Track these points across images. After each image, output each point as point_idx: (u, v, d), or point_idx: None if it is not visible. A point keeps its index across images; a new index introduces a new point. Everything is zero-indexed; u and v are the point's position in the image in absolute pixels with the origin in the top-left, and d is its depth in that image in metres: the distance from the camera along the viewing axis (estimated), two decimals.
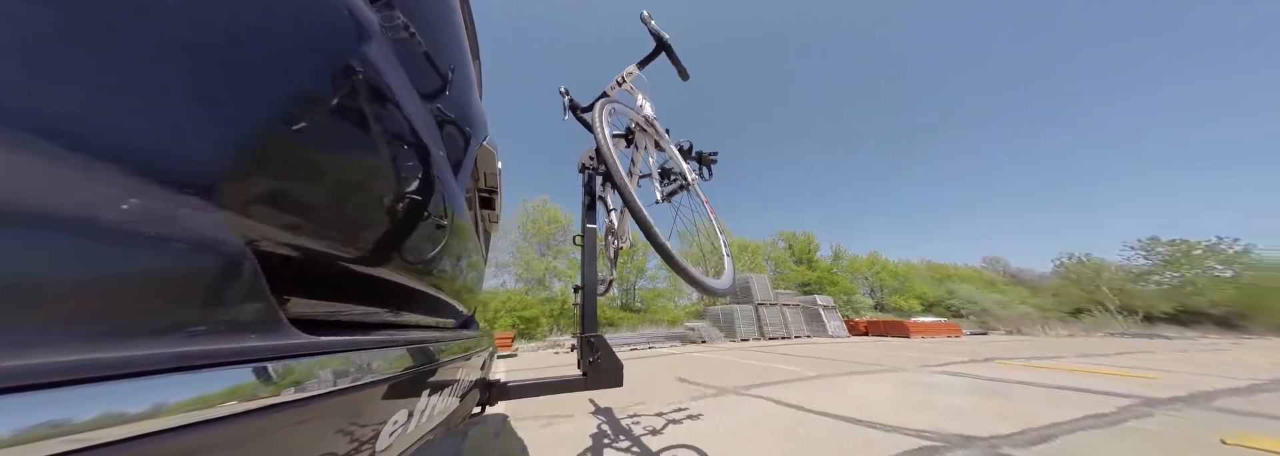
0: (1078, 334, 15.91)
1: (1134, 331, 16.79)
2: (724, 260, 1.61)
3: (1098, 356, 6.31)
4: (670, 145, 1.76)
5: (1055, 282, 29.27)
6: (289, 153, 0.30)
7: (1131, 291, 24.13)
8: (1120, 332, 16.25)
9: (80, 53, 0.19)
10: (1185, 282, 23.37)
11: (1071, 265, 28.86)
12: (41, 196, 0.17)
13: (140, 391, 0.18)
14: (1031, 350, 7.47)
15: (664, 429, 2.21)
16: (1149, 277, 24.94)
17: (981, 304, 28.36)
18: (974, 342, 10.10)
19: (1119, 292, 24.19)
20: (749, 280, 12.87)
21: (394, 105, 0.43)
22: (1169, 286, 23.59)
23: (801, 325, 12.80)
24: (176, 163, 0.22)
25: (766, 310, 12.19)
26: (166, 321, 0.20)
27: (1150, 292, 23.43)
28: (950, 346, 8.54)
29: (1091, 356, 6.29)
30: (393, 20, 0.47)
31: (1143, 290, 23.98)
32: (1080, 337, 13.28)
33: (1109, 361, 5.56)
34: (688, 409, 2.72)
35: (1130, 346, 8.71)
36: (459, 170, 0.70)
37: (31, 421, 0.14)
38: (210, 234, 0.23)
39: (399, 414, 0.39)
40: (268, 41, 0.29)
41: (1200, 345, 9.52)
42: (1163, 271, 24.97)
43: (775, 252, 29.42)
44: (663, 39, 1.47)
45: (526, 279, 19.07)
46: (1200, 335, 14.75)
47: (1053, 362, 5.27)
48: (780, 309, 12.49)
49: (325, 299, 0.43)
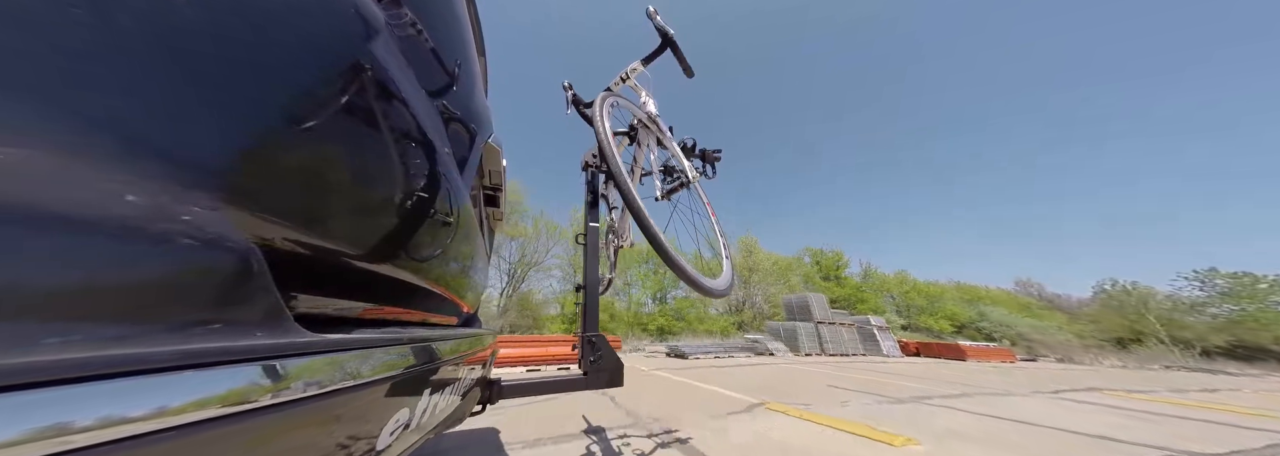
0: (1131, 366, 15.65)
1: (1192, 365, 16.41)
2: (723, 262, 1.60)
3: (1189, 391, 6.55)
4: (672, 142, 1.73)
5: (1095, 309, 28.55)
6: (296, 150, 0.30)
7: (1180, 322, 23.38)
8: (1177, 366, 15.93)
9: (84, 50, 0.19)
10: (1245, 316, 22.54)
11: (1115, 292, 28.18)
12: (48, 194, 0.17)
13: (148, 389, 0.18)
14: (1115, 382, 7.67)
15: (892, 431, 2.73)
16: (1203, 310, 24.25)
17: (1016, 328, 27.81)
18: (1037, 370, 10.24)
19: (1166, 323, 23.52)
20: (808, 299, 13.35)
21: (401, 102, 0.43)
22: (1224, 319, 22.81)
23: (857, 344, 13.13)
24: (183, 160, 0.22)
25: (826, 328, 12.58)
26: (173, 319, 0.21)
27: (1201, 325, 22.65)
28: (1026, 373, 8.75)
29: (1183, 391, 6.53)
30: (400, 17, 0.47)
31: (1193, 322, 23.20)
32: (1135, 370, 13.17)
33: (1208, 397, 5.82)
34: (877, 417, 3.16)
35: (1204, 383, 8.77)
36: (464, 167, 0.70)
37: (37, 419, 0.14)
38: (217, 231, 0.23)
39: (403, 411, 0.39)
40: (275, 39, 0.29)
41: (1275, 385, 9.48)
42: (1219, 303, 24.22)
43: (802, 268, 29.54)
44: (668, 35, 1.45)
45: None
46: (1266, 372, 14.38)
47: (1152, 396, 5.57)
48: (837, 327, 12.86)
49: (331, 296, 0.43)
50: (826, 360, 10.34)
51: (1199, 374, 12.07)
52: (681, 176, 1.67)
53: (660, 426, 2.99)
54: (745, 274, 23.42)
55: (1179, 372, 12.53)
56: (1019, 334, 26.64)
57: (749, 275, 23.53)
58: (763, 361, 9.09)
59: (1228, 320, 22.56)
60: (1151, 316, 24.23)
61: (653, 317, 19.36)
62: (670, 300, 21.70)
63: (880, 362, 10.10)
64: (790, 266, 27.89)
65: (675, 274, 1.08)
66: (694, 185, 1.66)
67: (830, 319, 13.19)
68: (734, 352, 10.69)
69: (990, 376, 7.45)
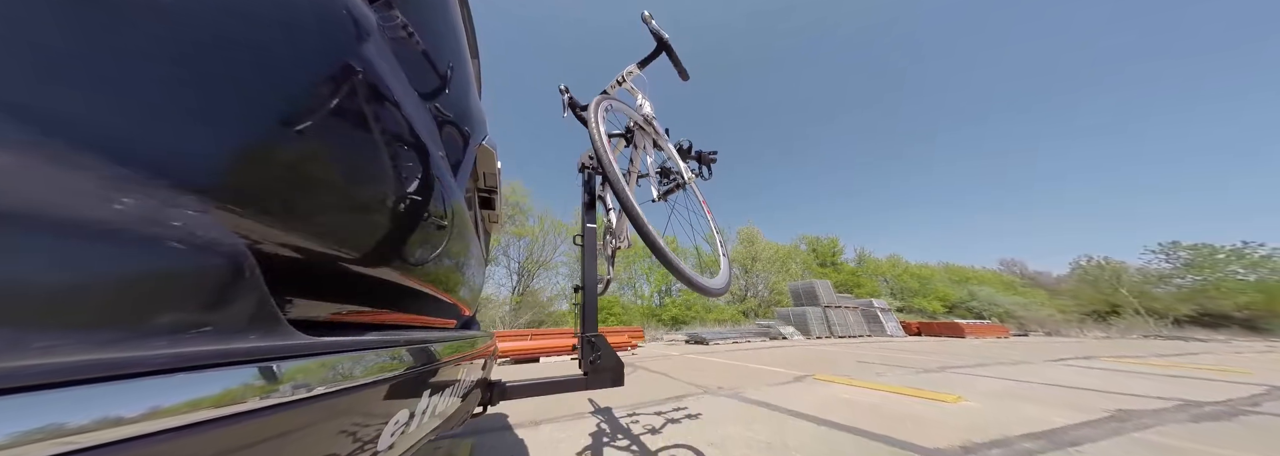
0: (1113, 336, 16.82)
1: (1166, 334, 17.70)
2: (721, 260, 1.62)
3: (1171, 356, 7.25)
4: (669, 144, 1.75)
5: (1072, 285, 30.10)
6: (289, 152, 0.30)
7: (1150, 294, 24.96)
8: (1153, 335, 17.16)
9: (77, 52, 0.19)
10: (1206, 286, 24.10)
11: (1090, 267, 29.73)
12: (41, 197, 0.17)
13: (140, 392, 0.18)
14: (1106, 350, 8.38)
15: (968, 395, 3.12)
16: (1169, 281, 25.80)
17: (1002, 306, 29.19)
18: (1033, 343, 11.03)
19: (1138, 295, 25.04)
20: (814, 285, 13.96)
21: (393, 105, 0.43)
22: (1187, 289, 24.36)
23: (863, 326, 13.85)
24: (175, 162, 0.22)
25: (833, 312, 13.22)
26: (166, 322, 0.20)
27: (1168, 295, 24.21)
28: (1025, 346, 9.44)
29: (1166, 356, 7.23)
30: (391, 19, 0.47)
31: (1161, 293, 24.79)
32: (1117, 339, 14.19)
33: (1188, 360, 6.51)
34: (916, 384, 3.53)
35: (1181, 348, 9.58)
36: (458, 170, 0.70)
37: (31, 422, 0.14)
38: (210, 234, 0.23)
39: (400, 414, 0.39)
40: (266, 41, 0.29)
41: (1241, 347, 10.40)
42: (1183, 274, 25.79)
43: (800, 255, 30.39)
44: (663, 39, 1.47)
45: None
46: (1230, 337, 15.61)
47: (1140, 362, 6.14)
48: (843, 311, 13.52)
49: (326, 300, 0.43)
50: (839, 341, 10.96)
51: (1174, 341, 13.02)
52: (678, 178, 1.69)
53: (731, 392, 3.40)
54: (748, 263, 24.05)
55: (1155, 341, 13.47)
56: (1006, 311, 28.00)
57: (752, 264, 24.20)
58: (779, 344, 9.63)
59: (1192, 290, 24.12)
60: (1124, 289, 25.76)
61: (665, 308, 19.95)
62: (675, 293, 22.32)
63: (889, 342, 10.76)
64: (789, 254, 28.66)
65: (672, 274, 1.09)
66: (690, 186, 1.69)
67: (836, 303, 13.86)
68: (749, 337, 11.22)
69: (996, 349, 8.11)
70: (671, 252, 1.04)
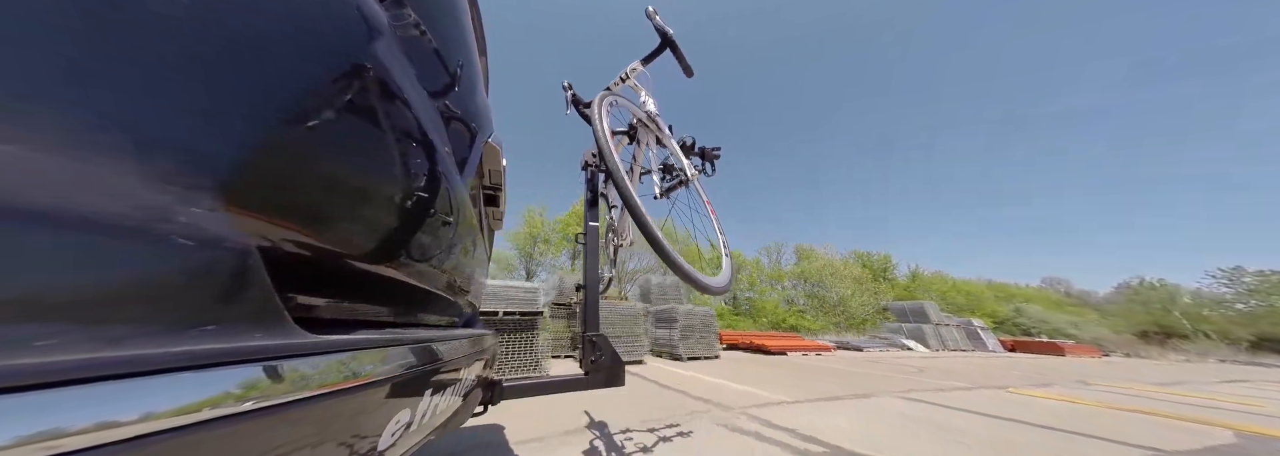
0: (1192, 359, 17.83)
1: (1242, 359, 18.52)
2: (722, 258, 1.62)
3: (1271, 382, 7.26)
4: (672, 141, 1.75)
5: (1120, 305, 30.73)
6: (296, 150, 0.30)
7: (1202, 317, 25.68)
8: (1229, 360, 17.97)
9: (84, 50, 0.19)
10: (1269, 311, 24.81)
11: (1142, 288, 30.35)
12: (45, 194, 0.17)
13: (145, 391, 0.18)
14: (1208, 375, 8.30)
15: None
16: (1230, 305, 26.62)
17: (1053, 324, 29.89)
18: (1136, 364, 11.76)
19: (1189, 318, 25.77)
20: (923, 305, 16.04)
21: (402, 103, 0.43)
22: (1246, 314, 25.09)
23: (965, 341, 15.59)
24: (182, 160, 0.22)
25: (943, 329, 14.99)
26: (171, 320, 0.21)
27: (1223, 319, 24.93)
28: (1140, 367, 9.89)
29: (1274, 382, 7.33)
30: (403, 18, 0.47)
31: (1215, 316, 25.52)
32: (1197, 363, 14.90)
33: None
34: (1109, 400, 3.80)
35: (1269, 376, 9.08)
36: (464, 167, 0.70)
37: (35, 421, 0.14)
38: (215, 231, 0.23)
39: (403, 413, 0.39)
40: (277, 38, 0.29)
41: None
42: (1246, 299, 26.60)
43: (851, 270, 31.60)
44: (667, 35, 1.48)
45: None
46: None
47: (1257, 384, 6.46)
48: (951, 328, 15.29)
49: (330, 297, 0.43)
50: (957, 355, 12.04)
51: (1254, 367, 12.68)
52: (681, 174, 1.71)
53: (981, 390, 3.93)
54: (831, 280, 25.81)
55: (1242, 366, 13.25)
56: (1056, 329, 28.69)
57: (832, 280, 25.98)
58: (913, 355, 10.24)
59: (1249, 314, 24.85)
60: (1177, 312, 26.37)
61: (785, 316, 22.11)
62: (800, 301, 24.16)
63: (1005, 357, 11.95)
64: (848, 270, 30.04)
65: (673, 272, 1.12)
66: (693, 183, 1.69)
67: (944, 320, 15.69)
68: (885, 347, 12.92)
69: (1119, 368, 8.64)
70: (673, 250, 1.06)
